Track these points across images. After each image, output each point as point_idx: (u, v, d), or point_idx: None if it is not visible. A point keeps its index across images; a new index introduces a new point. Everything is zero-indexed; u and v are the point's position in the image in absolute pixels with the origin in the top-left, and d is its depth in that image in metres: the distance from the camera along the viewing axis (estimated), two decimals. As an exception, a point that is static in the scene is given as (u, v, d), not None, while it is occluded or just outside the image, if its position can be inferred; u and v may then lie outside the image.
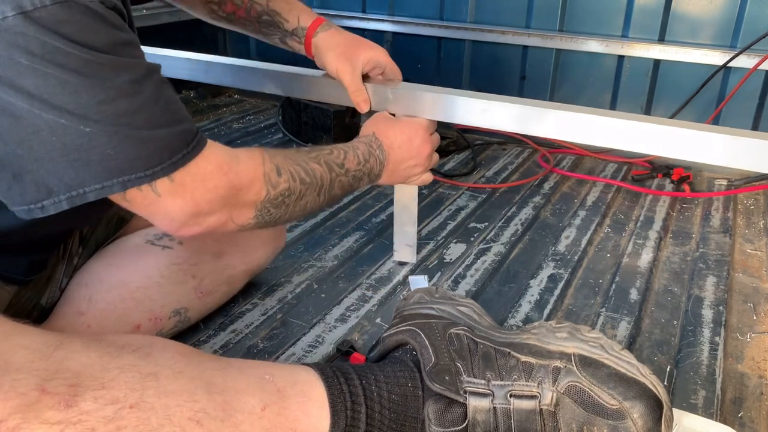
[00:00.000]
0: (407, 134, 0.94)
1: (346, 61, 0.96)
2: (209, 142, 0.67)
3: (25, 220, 0.60)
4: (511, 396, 0.66)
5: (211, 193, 0.67)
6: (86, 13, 0.55)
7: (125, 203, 0.63)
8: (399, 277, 1.09)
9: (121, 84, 0.58)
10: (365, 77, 0.99)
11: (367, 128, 0.93)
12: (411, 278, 1.05)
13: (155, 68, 0.63)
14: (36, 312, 0.82)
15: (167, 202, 0.64)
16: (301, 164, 0.78)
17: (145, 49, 1.18)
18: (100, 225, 0.89)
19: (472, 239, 1.23)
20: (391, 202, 1.30)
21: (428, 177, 1.00)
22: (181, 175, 0.63)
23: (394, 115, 0.98)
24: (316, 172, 0.79)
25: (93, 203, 0.60)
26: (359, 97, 0.97)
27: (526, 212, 1.36)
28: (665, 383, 0.84)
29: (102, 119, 0.57)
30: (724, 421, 0.77)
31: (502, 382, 0.67)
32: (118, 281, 0.82)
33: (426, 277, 1.05)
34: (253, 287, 1.04)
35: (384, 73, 1.00)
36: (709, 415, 0.79)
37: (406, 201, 1.09)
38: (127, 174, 0.59)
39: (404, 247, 1.13)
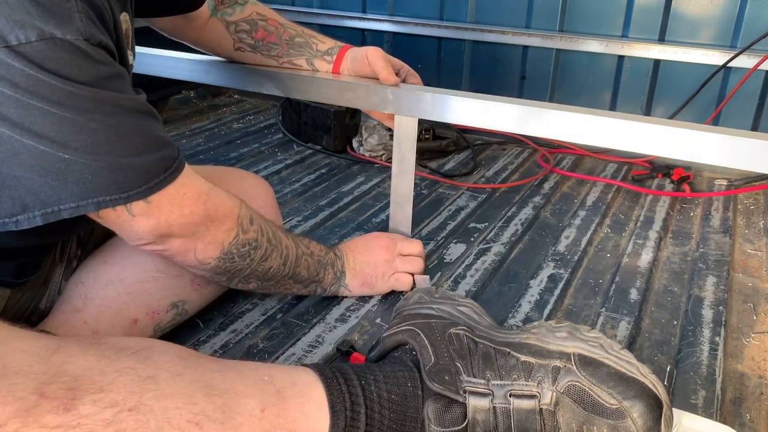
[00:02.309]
0: (364, 238, 1.02)
1: (378, 51, 1.05)
2: (189, 170, 0.70)
3: (2, 234, 0.62)
4: (510, 395, 0.66)
5: (186, 218, 0.70)
6: (70, 50, 0.57)
7: (97, 218, 0.66)
8: (414, 272, 1.08)
9: (102, 116, 0.60)
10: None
11: None
12: (416, 277, 1.04)
13: (138, 99, 0.65)
14: (35, 316, 0.82)
15: (140, 222, 0.67)
16: (271, 226, 0.83)
17: (147, 49, 1.20)
18: (98, 228, 0.89)
19: (472, 239, 1.23)
20: (391, 203, 1.30)
21: (406, 280, 1.01)
22: (158, 198, 0.66)
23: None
24: (283, 240, 0.84)
25: (77, 218, 0.62)
26: (386, 73, 1.02)
27: (526, 212, 1.36)
28: (665, 383, 0.84)
29: (81, 147, 0.59)
30: (724, 421, 0.77)
31: (501, 382, 0.67)
32: (114, 277, 0.82)
33: (428, 277, 1.05)
34: (253, 288, 1.04)
35: (406, 77, 1.08)
36: (709, 415, 0.78)
37: (401, 201, 1.09)
38: (103, 195, 0.61)
39: None
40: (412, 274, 1.03)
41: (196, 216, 0.70)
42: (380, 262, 1.00)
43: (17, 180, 0.58)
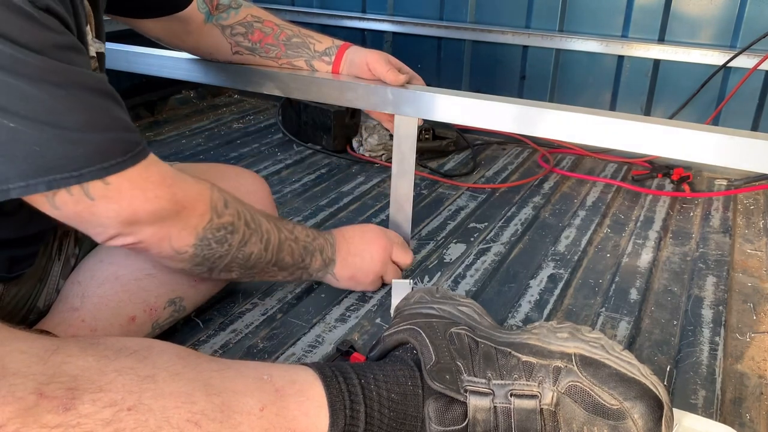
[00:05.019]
0: (361, 229, 1.00)
1: (379, 57, 1.05)
2: (154, 157, 0.66)
3: None
4: (511, 395, 0.66)
5: (152, 204, 0.65)
6: (10, 9, 0.53)
7: (55, 212, 0.61)
8: (399, 278, 1.08)
9: (50, 86, 0.56)
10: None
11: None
12: (396, 282, 1.02)
13: (96, 76, 0.61)
14: (33, 315, 0.82)
15: (101, 207, 0.62)
16: (249, 210, 0.79)
17: (147, 49, 1.19)
18: None
19: (472, 239, 1.23)
20: (390, 202, 1.30)
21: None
22: (118, 180, 0.61)
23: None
24: (263, 224, 0.80)
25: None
26: (392, 75, 1.02)
27: (526, 212, 1.36)
28: (665, 383, 0.84)
29: (28, 116, 0.55)
30: (724, 421, 0.77)
31: (502, 382, 0.66)
32: (110, 275, 0.82)
33: (409, 281, 1.02)
34: (253, 287, 1.04)
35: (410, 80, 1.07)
36: (709, 415, 0.78)
37: (401, 201, 1.09)
38: (53, 173, 0.57)
39: None
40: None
41: (162, 200, 0.66)
42: (376, 260, 0.98)
43: None
